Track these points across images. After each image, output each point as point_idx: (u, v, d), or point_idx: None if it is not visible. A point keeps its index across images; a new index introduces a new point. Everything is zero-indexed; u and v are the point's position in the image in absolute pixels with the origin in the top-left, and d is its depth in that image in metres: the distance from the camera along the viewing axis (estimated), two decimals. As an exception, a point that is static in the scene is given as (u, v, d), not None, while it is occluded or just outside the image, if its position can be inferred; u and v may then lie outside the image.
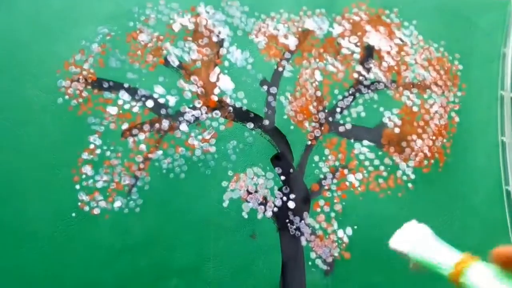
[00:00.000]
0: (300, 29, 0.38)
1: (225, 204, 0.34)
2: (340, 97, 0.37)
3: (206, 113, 0.35)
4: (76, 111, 0.35)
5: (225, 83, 0.36)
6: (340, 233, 0.34)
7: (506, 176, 0.37)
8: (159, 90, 0.35)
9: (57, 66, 0.36)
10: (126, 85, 0.35)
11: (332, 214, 0.34)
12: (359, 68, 0.37)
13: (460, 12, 0.40)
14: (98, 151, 0.34)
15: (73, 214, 0.34)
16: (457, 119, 0.37)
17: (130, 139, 0.34)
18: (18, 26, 0.37)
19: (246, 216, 0.34)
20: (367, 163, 0.36)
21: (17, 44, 0.36)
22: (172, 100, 0.35)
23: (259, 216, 0.34)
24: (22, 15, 0.37)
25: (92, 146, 0.34)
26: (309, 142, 0.35)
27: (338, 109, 0.36)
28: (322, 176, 0.35)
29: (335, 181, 0.35)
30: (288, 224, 0.34)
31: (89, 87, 0.35)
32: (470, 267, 0.20)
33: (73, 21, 0.37)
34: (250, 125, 0.35)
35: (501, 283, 0.19)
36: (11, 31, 0.37)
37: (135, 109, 0.35)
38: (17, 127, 0.35)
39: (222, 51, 0.36)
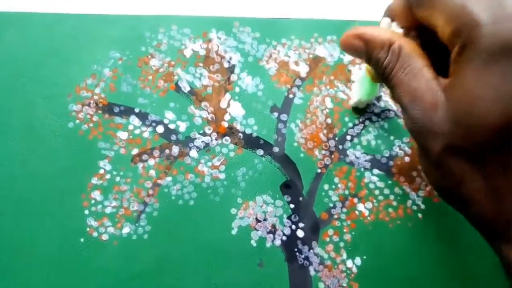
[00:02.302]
0: (311, 56, 0.39)
1: (233, 232, 0.35)
2: (350, 124, 0.37)
3: (216, 139, 0.36)
4: (87, 136, 0.36)
5: (236, 110, 0.37)
6: (349, 263, 0.34)
7: None
8: (169, 115, 0.36)
9: (69, 89, 0.37)
10: (136, 110, 0.36)
11: (341, 244, 0.34)
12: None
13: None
14: (108, 176, 0.35)
15: (82, 240, 0.34)
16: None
17: (140, 165, 0.35)
18: (30, 48, 0.38)
19: (254, 244, 0.35)
20: (377, 192, 0.37)
21: (29, 66, 0.38)
22: (182, 126, 0.36)
23: (268, 244, 0.35)
24: (34, 37, 0.38)
25: (101, 171, 0.35)
26: (319, 170, 0.36)
27: (349, 137, 0.37)
28: (331, 204, 0.36)
29: (344, 210, 0.35)
30: (297, 253, 0.34)
31: (100, 111, 0.36)
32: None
33: (85, 45, 0.38)
34: (260, 152, 0.36)
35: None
36: (23, 53, 0.38)
37: (145, 135, 0.36)
38: (27, 150, 0.36)
39: (233, 77, 0.37)
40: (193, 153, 0.37)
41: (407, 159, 0.38)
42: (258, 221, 0.36)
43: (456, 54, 0.17)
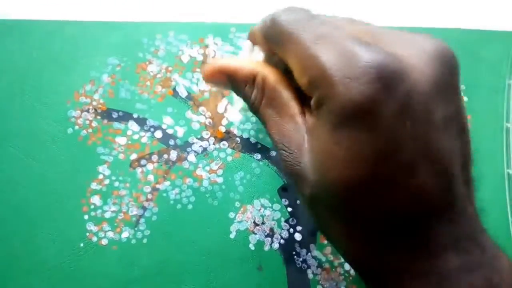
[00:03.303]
0: (307, 61, 0.39)
1: (232, 236, 0.36)
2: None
3: (213, 144, 0.37)
4: (86, 141, 0.37)
5: (233, 114, 0.38)
6: (347, 266, 0.35)
7: (512, 209, 0.39)
8: (167, 121, 0.37)
9: (68, 96, 0.38)
10: (135, 116, 0.37)
11: (339, 247, 0.35)
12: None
13: (464, 43, 0.42)
14: (107, 181, 0.36)
15: (81, 244, 0.35)
16: (463, 151, 0.38)
17: (139, 170, 0.36)
18: (30, 56, 0.39)
19: (253, 248, 0.35)
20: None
21: (28, 73, 0.39)
22: (180, 131, 0.37)
23: (266, 248, 0.35)
24: (34, 44, 0.39)
25: (101, 176, 0.36)
26: (316, 174, 0.36)
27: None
28: (328, 207, 0.36)
29: (341, 213, 0.36)
30: (295, 257, 0.35)
31: (98, 117, 0.37)
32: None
33: (83, 52, 0.39)
34: (258, 156, 0.37)
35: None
36: (23, 60, 0.39)
37: (144, 140, 0.37)
38: (26, 156, 0.36)
39: (230, 82, 0.38)
40: (191, 157, 0.38)
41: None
42: (256, 224, 0.37)
43: (314, 105, 0.17)
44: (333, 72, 0.15)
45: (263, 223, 0.37)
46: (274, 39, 0.19)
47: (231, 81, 0.21)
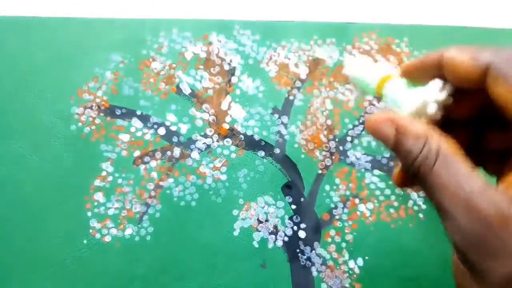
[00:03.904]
0: (310, 58, 0.40)
1: (235, 233, 0.36)
2: (350, 126, 0.38)
3: (217, 141, 0.37)
4: (89, 138, 0.37)
5: (237, 111, 0.38)
6: (351, 263, 0.35)
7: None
8: (171, 117, 0.37)
9: (71, 92, 0.38)
10: (138, 113, 0.37)
11: (343, 244, 0.35)
12: (369, 97, 0.39)
13: (470, 41, 0.42)
14: (110, 178, 0.36)
15: (85, 241, 0.35)
16: (467, 148, 0.39)
17: (142, 167, 0.36)
18: (33, 52, 0.39)
19: (256, 245, 0.35)
20: (378, 192, 0.37)
21: (32, 70, 0.39)
22: (184, 128, 0.37)
23: (270, 245, 0.35)
24: (37, 41, 0.39)
25: (104, 173, 0.36)
26: (320, 171, 0.37)
27: (349, 138, 0.38)
28: (332, 205, 0.36)
29: (346, 210, 0.36)
30: (299, 254, 0.35)
31: (102, 114, 0.37)
32: (390, 80, 0.20)
33: (87, 49, 0.39)
34: (261, 153, 0.37)
35: (410, 90, 0.20)
36: (26, 57, 0.39)
37: (147, 137, 0.37)
38: (29, 152, 0.36)
39: (234, 79, 0.38)
40: (195, 154, 0.38)
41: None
42: (260, 222, 0.37)
43: None
44: None
45: (267, 220, 0.37)
46: (503, 76, 0.16)
47: (398, 132, 0.18)
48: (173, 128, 0.38)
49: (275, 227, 0.37)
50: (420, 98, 0.19)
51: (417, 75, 0.19)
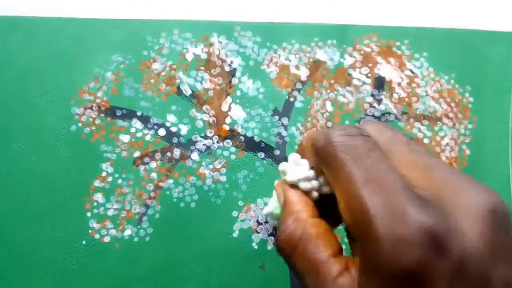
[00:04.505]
0: (311, 60, 0.40)
1: (235, 234, 0.36)
2: (351, 128, 0.39)
3: (217, 142, 0.37)
4: (89, 139, 0.37)
5: (237, 113, 0.38)
6: (350, 266, 0.35)
7: (518, 210, 0.39)
8: (171, 118, 0.38)
9: (71, 93, 0.39)
10: (139, 113, 0.38)
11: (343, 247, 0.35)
12: (370, 99, 0.39)
13: (471, 44, 0.43)
14: (110, 178, 0.37)
15: (84, 242, 0.35)
16: (468, 152, 0.39)
17: (142, 167, 0.36)
18: (33, 53, 0.40)
19: (256, 247, 0.36)
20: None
21: (32, 70, 0.39)
22: (184, 129, 0.38)
23: (269, 247, 0.36)
24: (38, 41, 0.40)
25: (104, 174, 0.36)
26: (320, 173, 0.37)
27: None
28: (332, 207, 0.37)
29: (345, 212, 0.36)
30: (298, 256, 0.35)
31: (102, 114, 0.38)
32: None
33: (87, 49, 0.40)
34: (261, 154, 0.37)
35: (295, 166, 0.22)
36: (26, 57, 0.39)
37: (147, 138, 0.37)
38: (29, 153, 0.37)
39: (234, 80, 0.39)
40: (195, 155, 0.38)
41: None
42: (259, 223, 0.37)
43: (359, 254, 0.16)
44: (380, 227, 0.14)
45: (266, 222, 0.37)
46: (325, 161, 0.18)
47: (283, 203, 0.21)
48: (173, 129, 0.38)
49: (275, 228, 0.37)
50: (295, 173, 0.21)
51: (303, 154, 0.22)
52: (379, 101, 0.41)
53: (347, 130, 0.19)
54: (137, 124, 0.38)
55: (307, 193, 0.21)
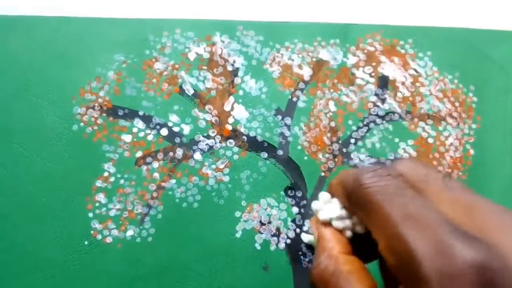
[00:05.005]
0: (314, 59, 0.40)
1: (238, 235, 0.36)
2: (354, 128, 0.39)
3: (220, 142, 0.37)
4: (91, 138, 0.37)
5: (240, 112, 0.38)
6: (354, 266, 0.35)
7: (522, 210, 0.39)
8: (173, 118, 0.38)
9: (73, 93, 0.39)
10: (141, 113, 0.38)
11: (346, 247, 0.35)
12: (374, 98, 0.39)
13: (474, 43, 0.43)
14: (112, 179, 0.37)
15: (86, 242, 0.35)
16: (472, 151, 0.39)
17: (144, 167, 0.37)
18: (35, 52, 0.40)
19: (259, 248, 0.36)
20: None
21: (34, 69, 0.39)
22: (186, 129, 0.38)
23: (272, 247, 0.36)
24: (39, 40, 0.40)
25: (106, 174, 0.37)
26: (323, 174, 0.37)
27: (353, 140, 0.38)
28: (335, 207, 0.37)
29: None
30: (301, 257, 0.35)
31: (104, 114, 0.38)
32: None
33: (89, 48, 0.40)
34: (264, 154, 0.37)
35: (327, 204, 0.23)
36: (28, 56, 0.39)
37: (150, 137, 0.37)
38: (31, 152, 0.37)
39: (237, 80, 0.39)
40: (197, 155, 0.38)
41: (411, 162, 0.39)
42: (262, 224, 0.37)
43: None
44: (427, 266, 0.14)
45: (269, 222, 0.37)
46: (357, 203, 0.19)
47: (318, 238, 0.22)
48: (176, 129, 0.39)
49: (278, 229, 0.37)
50: (327, 212, 0.22)
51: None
52: (383, 101, 0.41)
53: (377, 172, 0.18)
54: (139, 124, 0.39)
55: (340, 231, 0.21)
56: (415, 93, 0.41)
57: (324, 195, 0.23)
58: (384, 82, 0.41)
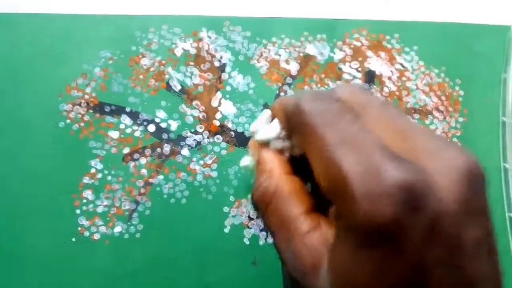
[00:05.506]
0: (301, 54, 0.40)
1: (226, 230, 0.36)
2: (341, 122, 0.39)
3: (207, 137, 0.38)
4: (78, 135, 0.37)
5: (227, 108, 0.39)
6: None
7: (509, 203, 0.40)
8: (161, 114, 0.38)
9: (59, 89, 0.39)
10: (128, 109, 0.38)
11: (334, 241, 0.35)
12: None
13: (460, 37, 0.43)
14: (99, 175, 0.37)
15: (73, 239, 0.36)
16: (459, 145, 0.39)
17: (131, 164, 0.37)
18: (20, 49, 0.40)
19: (247, 243, 0.36)
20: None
21: (19, 66, 0.39)
22: (174, 125, 0.38)
23: (261, 242, 0.36)
24: (24, 37, 0.40)
25: (93, 171, 0.37)
26: (311, 168, 0.37)
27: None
28: (323, 201, 0.37)
29: (337, 207, 0.37)
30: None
31: (91, 111, 0.38)
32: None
33: (75, 45, 0.40)
34: (252, 150, 0.37)
35: (266, 125, 0.22)
36: (13, 53, 0.39)
37: (137, 134, 0.38)
38: (17, 150, 0.37)
39: (224, 76, 0.39)
40: (185, 151, 0.38)
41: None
42: (250, 219, 0.37)
43: (334, 217, 0.16)
44: (356, 186, 0.14)
45: (257, 217, 0.37)
46: (296, 126, 0.19)
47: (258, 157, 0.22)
48: (163, 125, 0.39)
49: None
50: (266, 132, 0.22)
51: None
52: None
53: (317, 96, 0.18)
54: (126, 120, 0.39)
55: (279, 152, 0.21)
56: (401, 88, 0.42)
57: (266, 113, 0.23)
58: (370, 77, 0.42)
